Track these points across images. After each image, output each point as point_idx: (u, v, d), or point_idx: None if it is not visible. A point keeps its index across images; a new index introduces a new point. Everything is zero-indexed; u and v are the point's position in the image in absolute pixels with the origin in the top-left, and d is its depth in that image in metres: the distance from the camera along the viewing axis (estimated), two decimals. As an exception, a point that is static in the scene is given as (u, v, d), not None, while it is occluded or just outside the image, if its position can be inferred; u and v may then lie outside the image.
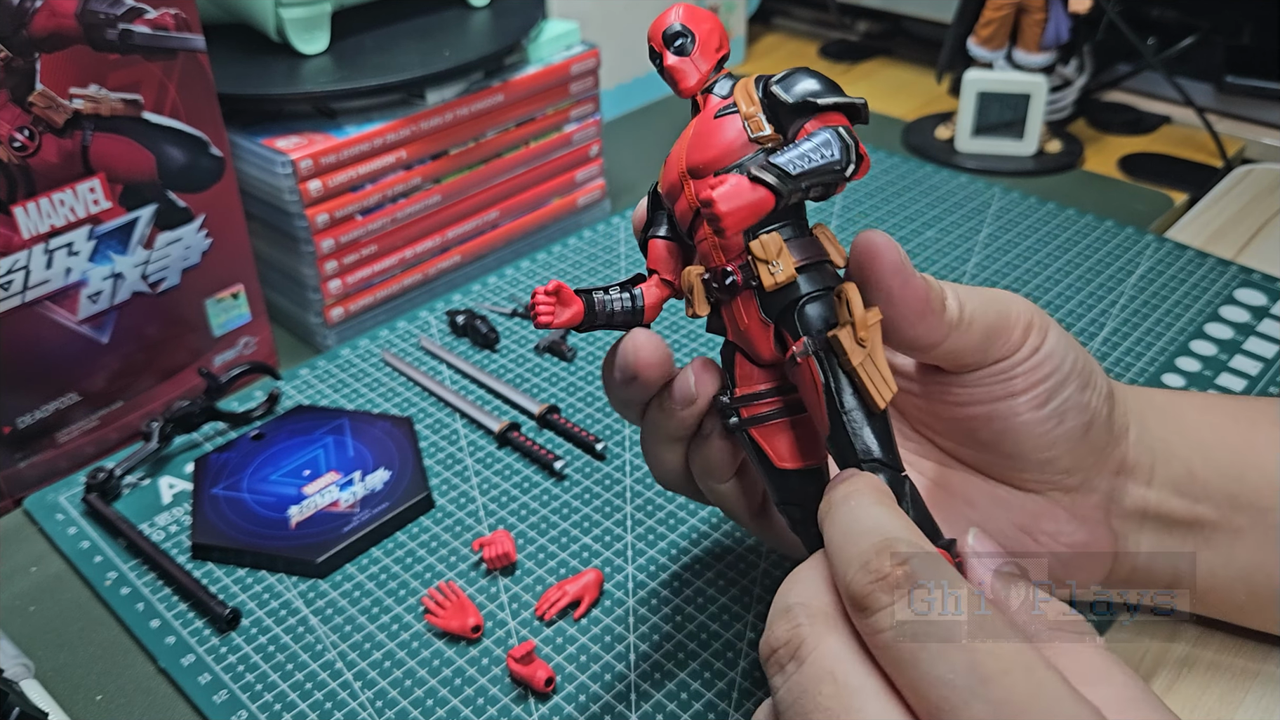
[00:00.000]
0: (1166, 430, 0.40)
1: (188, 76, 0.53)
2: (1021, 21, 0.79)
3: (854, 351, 0.30)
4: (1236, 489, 0.39)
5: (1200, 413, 0.41)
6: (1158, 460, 0.39)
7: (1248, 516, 0.39)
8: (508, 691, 0.43)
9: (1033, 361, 0.36)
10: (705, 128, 0.33)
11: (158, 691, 0.44)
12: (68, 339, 0.53)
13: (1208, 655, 0.43)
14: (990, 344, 0.36)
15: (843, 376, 0.31)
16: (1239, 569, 0.40)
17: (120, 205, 0.53)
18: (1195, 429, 0.40)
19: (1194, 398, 0.44)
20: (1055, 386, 0.36)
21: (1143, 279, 0.67)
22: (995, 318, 0.36)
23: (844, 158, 0.30)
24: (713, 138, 0.32)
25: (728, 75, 0.34)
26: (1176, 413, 0.41)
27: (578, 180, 0.76)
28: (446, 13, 0.71)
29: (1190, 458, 0.40)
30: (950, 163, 0.83)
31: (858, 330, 0.30)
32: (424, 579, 0.48)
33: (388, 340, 0.65)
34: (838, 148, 0.30)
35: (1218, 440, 0.40)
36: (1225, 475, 0.39)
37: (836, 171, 0.30)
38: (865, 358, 0.30)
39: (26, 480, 0.55)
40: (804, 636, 0.27)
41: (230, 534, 0.50)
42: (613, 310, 0.36)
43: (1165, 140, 0.87)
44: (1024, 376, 0.36)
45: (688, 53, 0.34)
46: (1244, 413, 0.42)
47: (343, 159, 0.61)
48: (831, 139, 0.30)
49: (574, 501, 0.52)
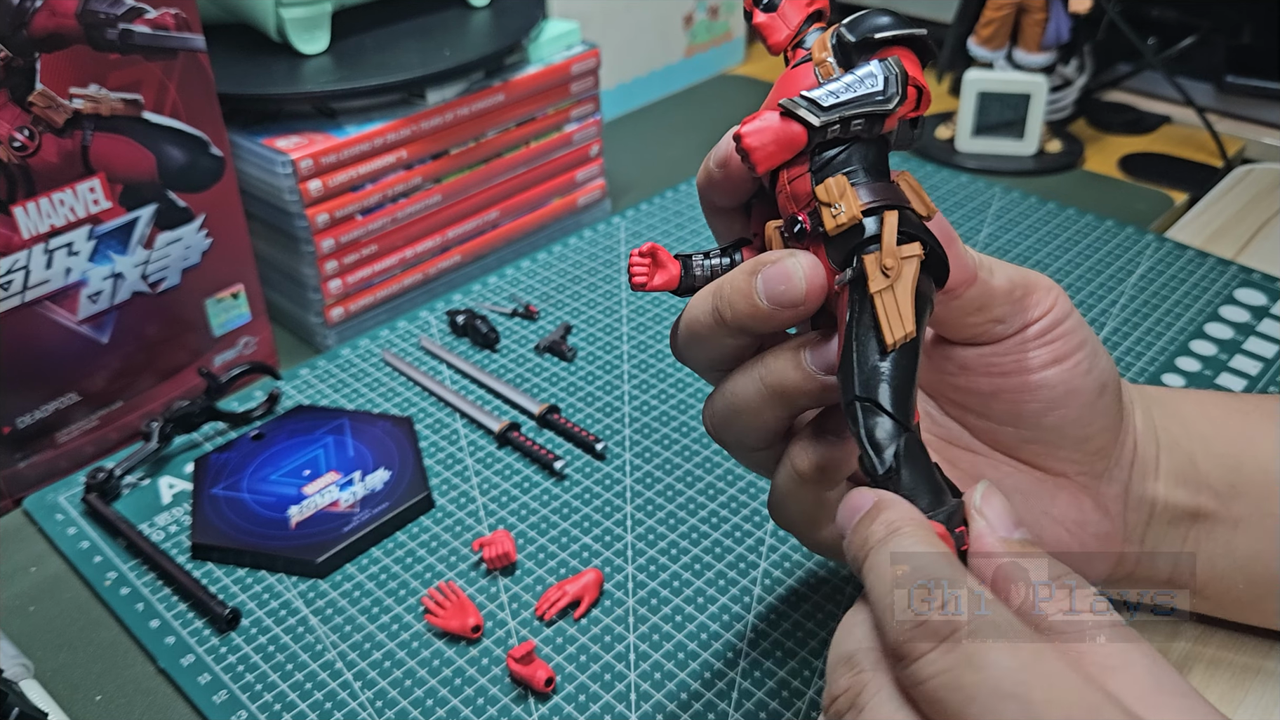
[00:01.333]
0: (1168, 420, 0.40)
1: (188, 76, 0.53)
2: (1022, 21, 0.79)
3: (875, 278, 0.29)
4: (1235, 479, 0.39)
5: (1197, 406, 0.42)
6: (1162, 450, 0.40)
7: (1246, 506, 0.39)
8: (508, 691, 0.43)
9: (1069, 324, 0.36)
10: (783, 80, 0.32)
11: (157, 691, 0.44)
12: (68, 339, 0.53)
13: (1208, 653, 0.43)
14: (1022, 301, 0.36)
15: (865, 304, 0.29)
16: (1238, 559, 0.40)
17: (120, 205, 0.53)
18: (1194, 421, 0.41)
19: (1190, 393, 0.44)
20: (1092, 354, 0.37)
21: (1143, 279, 0.67)
22: (1017, 274, 0.36)
23: (887, 89, 0.29)
24: (787, 88, 0.31)
25: (820, 28, 0.33)
26: (1175, 406, 0.41)
27: (578, 180, 0.76)
28: (447, 12, 0.71)
29: (1192, 448, 0.40)
30: (950, 162, 0.83)
31: (884, 257, 0.29)
32: (424, 579, 0.48)
33: (388, 340, 0.65)
34: (881, 79, 0.29)
35: (1215, 432, 0.41)
36: (1224, 465, 0.40)
37: (879, 102, 0.29)
38: (887, 287, 0.29)
39: (26, 480, 0.55)
40: (864, 683, 0.26)
41: (230, 534, 0.50)
42: (713, 272, 0.34)
43: (1165, 140, 0.87)
44: (1064, 340, 0.36)
45: (775, 8, 0.33)
46: (1239, 407, 0.42)
47: (343, 159, 0.61)
48: (876, 71, 0.29)
49: (574, 501, 0.52)
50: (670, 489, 0.52)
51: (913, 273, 0.29)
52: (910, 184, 0.31)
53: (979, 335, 0.36)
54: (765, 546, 0.49)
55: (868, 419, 0.28)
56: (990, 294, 0.35)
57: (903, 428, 0.28)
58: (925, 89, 0.30)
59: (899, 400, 0.29)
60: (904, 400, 0.29)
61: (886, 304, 0.29)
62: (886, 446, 0.28)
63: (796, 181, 0.31)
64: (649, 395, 0.59)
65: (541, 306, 0.67)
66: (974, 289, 0.35)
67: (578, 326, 0.65)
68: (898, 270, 0.29)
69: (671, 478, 0.53)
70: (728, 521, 0.50)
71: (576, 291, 0.68)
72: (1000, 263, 0.36)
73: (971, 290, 0.35)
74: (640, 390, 0.59)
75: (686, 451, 0.55)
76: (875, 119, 0.29)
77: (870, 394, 0.28)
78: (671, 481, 0.53)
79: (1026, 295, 0.36)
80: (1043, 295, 0.36)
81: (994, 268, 0.35)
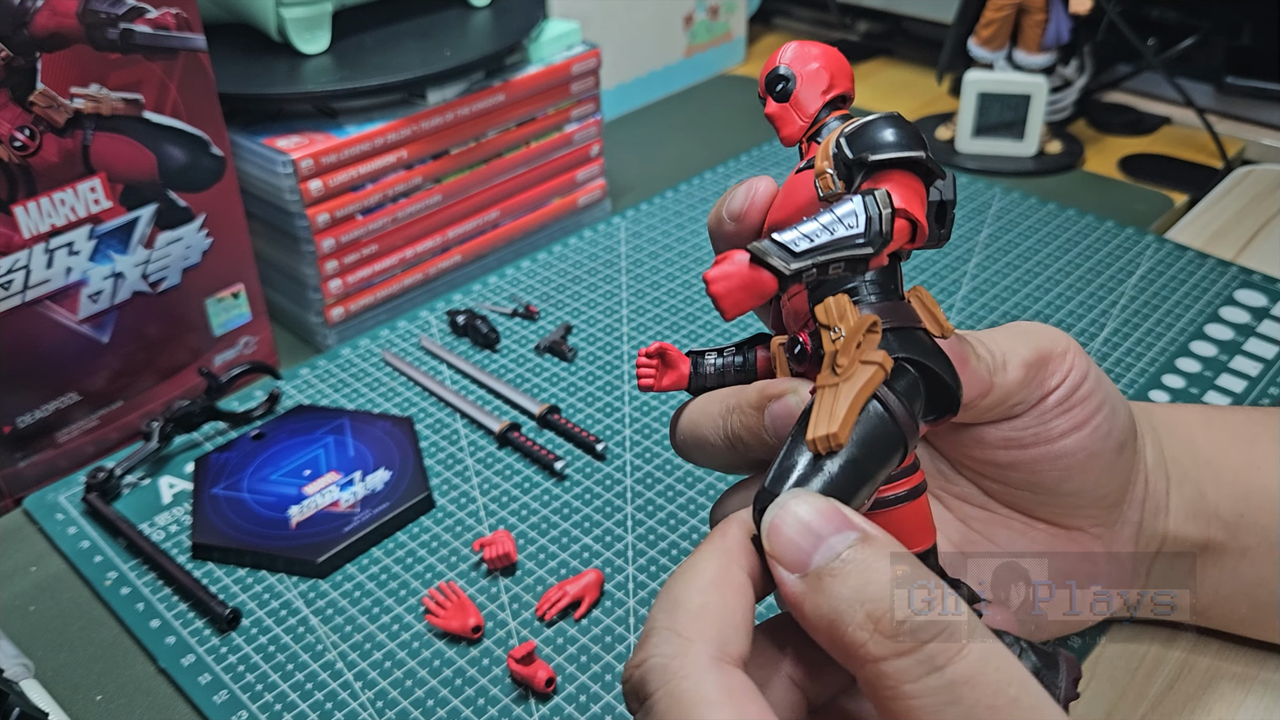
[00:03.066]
0: (1177, 450, 0.40)
1: (189, 76, 0.53)
2: (1022, 22, 0.79)
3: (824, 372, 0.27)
4: (1243, 508, 0.39)
5: (1204, 430, 0.41)
6: (1172, 485, 0.39)
7: (1254, 535, 0.39)
8: (508, 692, 0.43)
9: (1085, 389, 0.35)
10: (790, 183, 0.31)
11: (158, 691, 0.44)
12: (68, 338, 0.53)
13: (1206, 660, 0.43)
14: (1038, 375, 0.34)
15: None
16: (1243, 585, 0.40)
17: (121, 205, 0.53)
18: (1202, 448, 0.40)
19: (1195, 414, 0.43)
20: (1110, 414, 0.35)
21: (1143, 280, 0.67)
22: (1033, 351, 0.34)
23: (869, 231, 0.26)
24: (791, 195, 0.30)
25: (842, 117, 0.30)
26: (1184, 432, 0.40)
27: (578, 180, 0.76)
28: (447, 12, 0.71)
29: (1201, 478, 0.39)
30: (951, 163, 0.83)
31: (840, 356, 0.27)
32: (424, 579, 0.48)
33: (388, 340, 0.65)
34: (863, 220, 0.26)
35: (1223, 458, 0.40)
36: (1232, 495, 0.39)
37: (857, 246, 0.26)
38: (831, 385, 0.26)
39: (26, 480, 0.55)
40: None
41: (230, 534, 0.50)
42: (723, 372, 0.33)
43: (1165, 141, 0.87)
44: (1081, 407, 0.35)
45: (789, 97, 0.31)
46: (1245, 428, 0.41)
47: (343, 158, 0.61)
48: (859, 210, 0.26)
49: (574, 502, 0.52)
50: (670, 489, 0.52)
51: (865, 379, 0.26)
52: (923, 300, 0.29)
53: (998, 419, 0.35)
54: (765, 547, 0.49)
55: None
56: (1007, 392, 0.34)
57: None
58: (920, 223, 0.27)
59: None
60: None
61: (823, 401, 0.26)
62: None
63: (796, 298, 0.30)
64: (649, 395, 0.59)
65: (542, 306, 0.67)
66: (990, 398, 0.33)
67: (578, 326, 0.65)
68: (849, 373, 0.26)
69: (672, 478, 0.53)
70: (728, 522, 0.50)
71: (577, 291, 0.68)
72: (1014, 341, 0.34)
73: (989, 399, 0.33)
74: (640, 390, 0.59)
75: (687, 452, 0.55)
76: (855, 262, 0.27)
77: (773, 487, 0.26)
78: (672, 482, 0.53)
79: (1043, 367, 0.34)
80: (1059, 363, 0.35)
81: (1008, 360, 0.34)
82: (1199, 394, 0.57)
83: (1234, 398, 0.57)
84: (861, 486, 0.26)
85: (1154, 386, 0.58)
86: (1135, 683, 0.42)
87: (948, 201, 0.30)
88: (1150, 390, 0.57)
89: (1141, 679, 0.42)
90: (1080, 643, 0.43)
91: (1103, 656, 0.43)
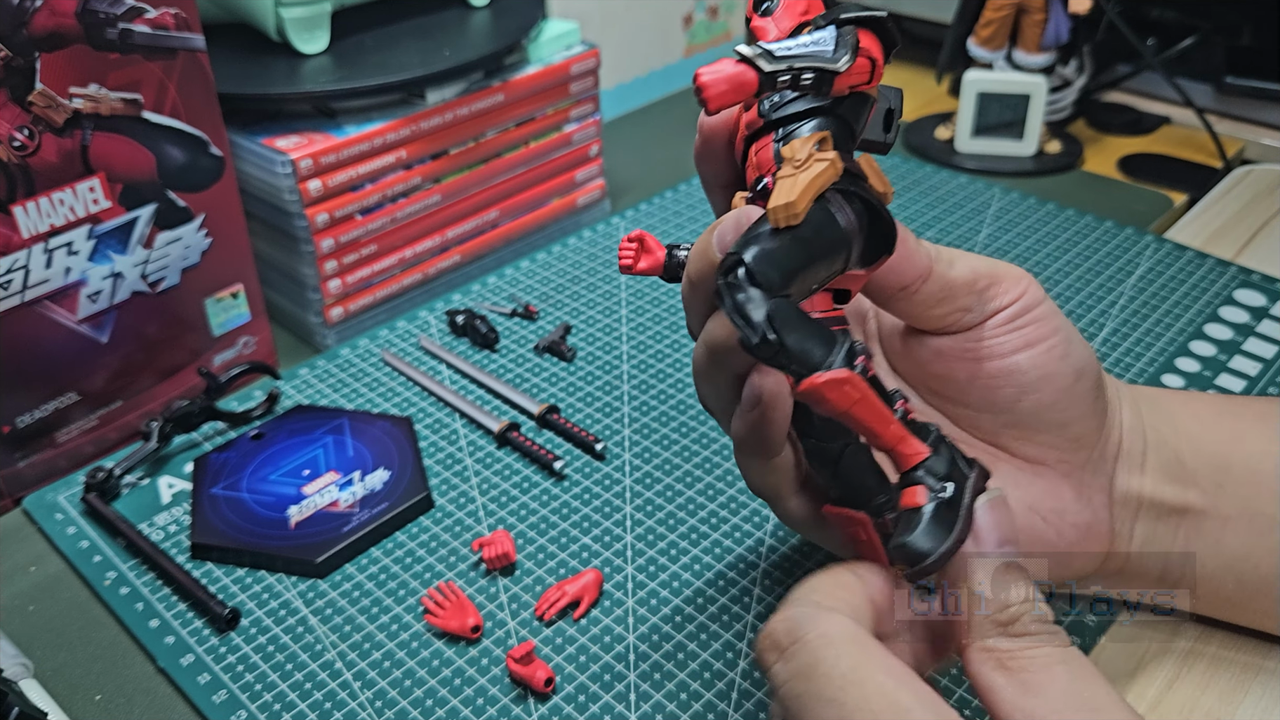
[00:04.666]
0: (1157, 419, 0.41)
1: (188, 76, 0.53)
2: (1021, 22, 0.79)
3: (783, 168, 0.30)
4: (1223, 477, 0.40)
5: (1186, 406, 0.42)
6: (1149, 446, 0.40)
7: (1235, 504, 0.39)
8: (507, 692, 0.43)
9: (1040, 311, 0.37)
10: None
11: (157, 691, 0.44)
12: (67, 338, 0.53)
13: (1209, 652, 0.43)
14: (987, 290, 0.36)
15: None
16: (1227, 558, 0.40)
17: (120, 205, 0.53)
18: (1183, 420, 0.41)
19: (1178, 394, 0.45)
20: (1066, 339, 0.37)
21: (1142, 279, 0.67)
22: (982, 264, 0.36)
23: (837, 49, 0.30)
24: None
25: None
26: (1165, 405, 0.42)
27: (577, 180, 0.76)
28: (446, 12, 0.71)
29: (1179, 445, 0.40)
30: (950, 163, 0.83)
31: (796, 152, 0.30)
32: (424, 579, 0.48)
33: (387, 340, 0.65)
34: (832, 41, 0.30)
35: (1204, 430, 0.41)
36: (1212, 463, 0.40)
37: (827, 60, 0.30)
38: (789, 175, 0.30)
39: (26, 480, 0.55)
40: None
41: (230, 534, 0.50)
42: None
43: (1165, 141, 0.87)
44: (1035, 326, 0.37)
45: (771, 13, 0.34)
46: (1228, 408, 0.42)
47: (343, 159, 0.61)
48: (830, 34, 0.31)
49: (574, 501, 0.52)
50: (670, 489, 0.52)
51: (821, 169, 0.29)
52: (870, 163, 0.32)
53: (947, 325, 0.37)
54: (765, 548, 0.49)
55: (734, 294, 0.28)
56: (950, 286, 0.36)
57: (770, 293, 0.28)
58: (878, 62, 0.31)
59: (769, 261, 0.29)
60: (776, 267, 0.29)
61: (782, 184, 0.29)
62: (755, 314, 0.28)
63: (762, 152, 0.33)
64: (649, 395, 0.59)
65: (541, 306, 0.67)
66: (931, 283, 0.36)
67: (577, 326, 0.65)
68: (806, 165, 0.30)
69: (671, 478, 0.53)
70: (727, 522, 0.50)
71: (576, 292, 0.68)
72: (965, 255, 0.37)
73: (929, 284, 0.36)
74: (640, 390, 0.59)
75: (686, 452, 0.55)
76: (824, 75, 0.30)
77: (738, 250, 0.29)
78: (671, 482, 0.53)
79: (992, 285, 0.37)
80: (1010, 285, 0.37)
81: (954, 260, 0.36)
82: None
83: (1233, 397, 0.57)
84: (808, 266, 0.30)
85: (1153, 385, 0.58)
86: (1135, 682, 0.42)
87: (894, 110, 0.35)
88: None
89: (1142, 678, 0.42)
90: (1079, 643, 0.43)
91: (1102, 655, 0.43)
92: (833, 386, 0.29)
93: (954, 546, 0.30)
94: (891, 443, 0.30)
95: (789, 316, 0.28)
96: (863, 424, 0.30)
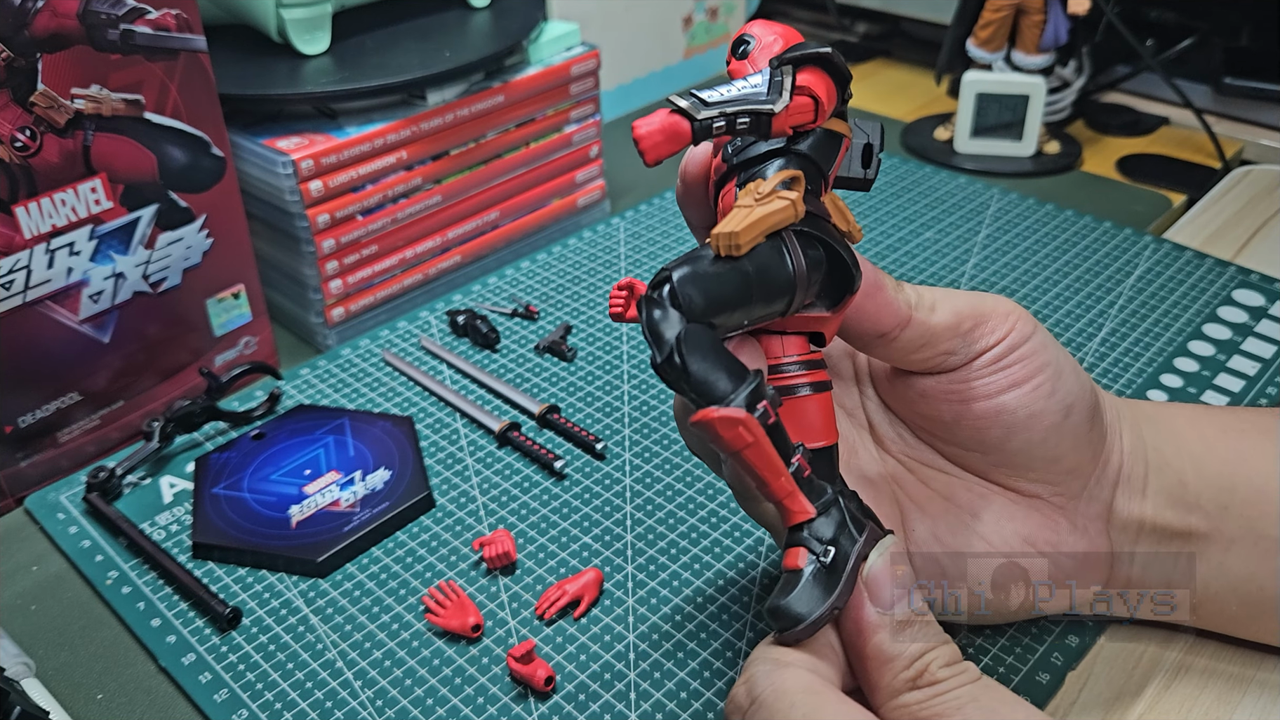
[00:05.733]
0: (1159, 440, 0.40)
1: (189, 77, 0.53)
2: (1020, 23, 0.79)
3: (741, 199, 0.30)
4: (1227, 499, 0.39)
5: (1190, 424, 0.41)
6: (1151, 470, 0.39)
7: (1239, 527, 0.39)
8: (508, 691, 0.43)
9: (1027, 349, 0.36)
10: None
11: (158, 690, 0.44)
12: (69, 338, 0.53)
13: (1202, 661, 0.43)
14: (971, 332, 0.36)
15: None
16: (1231, 580, 0.39)
17: (121, 205, 0.53)
18: (1186, 440, 0.40)
19: (1183, 409, 0.43)
20: (1055, 376, 0.36)
21: (1141, 280, 0.67)
22: (967, 305, 0.36)
23: (770, 91, 0.30)
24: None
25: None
26: (1167, 423, 0.41)
27: (578, 181, 0.76)
28: (447, 13, 0.72)
29: (1183, 468, 0.39)
30: (949, 164, 0.83)
31: (760, 187, 0.30)
32: (424, 578, 0.48)
33: (388, 340, 0.65)
34: (766, 84, 0.30)
35: (1208, 451, 0.40)
36: (1216, 485, 0.39)
37: (760, 102, 0.30)
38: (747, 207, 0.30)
39: (27, 479, 0.55)
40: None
41: (231, 533, 0.50)
42: None
43: (1164, 141, 0.87)
44: (1022, 365, 0.36)
45: (745, 57, 0.34)
46: (1233, 424, 0.42)
47: (343, 159, 0.61)
48: (764, 78, 0.30)
49: (574, 501, 0.52)
50: (670, 489, 0.53)
51: (777, 207, 0.29)
52: (836, 203, 0.32)
53: (931, 368, 0.37)
54: (765, 546, 0.49)
55: (651, 310, 0.29)
56: (931, 332, 0.35)
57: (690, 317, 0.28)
58: (820, 100, 0.31)
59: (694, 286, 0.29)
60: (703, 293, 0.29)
61: (735, 213, 0.29)
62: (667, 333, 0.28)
63: (726, 197, 0.33)
64: (649, 395, 0.59)
65: (541, 307, 0.67)
66: (911, 329, 0.35)
67: (578, 327, 0.65)
68: (765, 201, 0.30)
69: (671, 477, 0.53)
70: (727, 521, 0.50)
71: (576, 292, 0.69)
72: (949, 296, 0.36)
73: (909, 331, 0.35)
74: (640, 390, 0.60)
75: (686, 451, 0.55)
76: (759, 118, 0.30)
77: (672, 268, 0.29)
78: (671, 481, 0.53)
79: (977, 325, 0.36)
80: (998, 322, 0.36)
81: (937, 304, 0.35)
82: (1197, 394, 0.57)
83: (1232, 397, 0.57)
84: (741, 303, 0.29)
85: (1152, 386, 0.58)
86: (1132, 682, 0.42)
87: (873, 145, 0.35)
88: (1148, 390, 0.58)
89: (1138, 679, 0.42)
90: (1078, 642, 0.43)
91: (1100, 656, 0.43)
92: (726, 424, 0.28)
93: (828, 613, 0.30)
94: (779, 496, 0.30)
95: (700, 343, 0.28)
96: (753, 470, 0.30)
